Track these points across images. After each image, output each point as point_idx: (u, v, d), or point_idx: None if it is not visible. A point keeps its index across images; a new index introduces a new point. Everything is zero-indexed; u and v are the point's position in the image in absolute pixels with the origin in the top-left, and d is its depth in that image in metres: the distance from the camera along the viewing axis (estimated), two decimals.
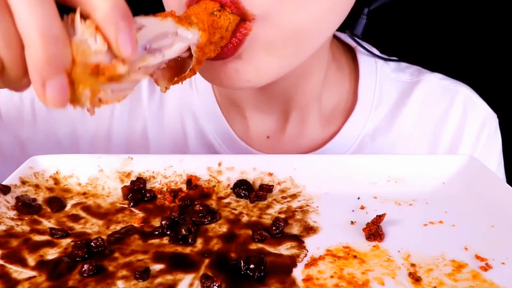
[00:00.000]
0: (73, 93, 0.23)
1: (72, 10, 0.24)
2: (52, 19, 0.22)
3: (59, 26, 0.22)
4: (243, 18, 0.34)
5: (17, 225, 0.35)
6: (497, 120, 0.57)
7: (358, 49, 0.56)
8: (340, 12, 0.39)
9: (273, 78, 0.39)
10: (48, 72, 0.21)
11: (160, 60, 0.27)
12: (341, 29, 0.44)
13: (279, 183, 0.42)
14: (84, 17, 0.23)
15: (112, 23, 0.23)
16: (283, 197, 0.40)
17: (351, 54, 0.58)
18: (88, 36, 0.23)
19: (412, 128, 0.55)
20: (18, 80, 0.24)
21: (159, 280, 0.29)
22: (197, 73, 0.58)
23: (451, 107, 0.55)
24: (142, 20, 0.26)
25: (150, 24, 0.26)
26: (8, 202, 0.37)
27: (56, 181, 0.41)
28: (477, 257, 0.31)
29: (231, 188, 0.41)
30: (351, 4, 0.39)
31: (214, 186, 0.42)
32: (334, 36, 0.56)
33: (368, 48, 0.56)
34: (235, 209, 0.39)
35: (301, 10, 0.35)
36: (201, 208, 0.37)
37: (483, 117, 0.55)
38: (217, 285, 0.28)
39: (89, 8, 0.23)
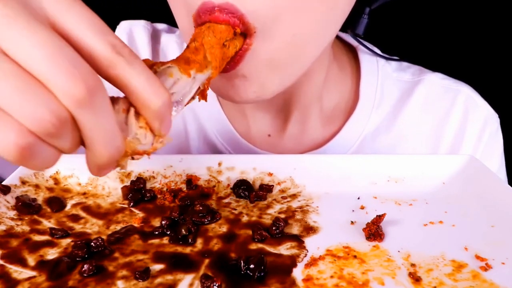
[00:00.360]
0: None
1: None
2: (113, 130, 0.23)
3: (119, 137, 0.24)
4: (246, 32, 0.34)
5: (17, 225, 0.35)
6: (498, 120, 0.57)
7: (360, 48, 0.56)
8: (340, 14, 0.38)
9: (278, 91, 0.40)
10: (105, 167, 0.25)
11: (181, 110, 0.29)
12: (342, 28, 0.44)
13: (279, 183, 0.42)
14: (134, 109, 0.25)
15: (160, 118, 0.25)
16: (283, 197, 0.40)
17: (353, 54, 0.57)
18: (139, 134, 0.25)
19: (413, 128, 0.55)
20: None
21: (159, 280, 0.29)
22: None
23: (453, 107, 0.55)
24: (171, 86, 0.27)
25: (178, 88, 0.27)
26: (8, 202, 0.37)
27: (56, 181, 0.41)
28: (477, 257, 0.31)
29: (231, 188, 0.41)
30: (351, 5, 0.39)
31: (214, 186, 0.42)
32: (336, 36, 0.56)
33: (370, 47, 0.56)
34: (235, 209, 0.39)
35: (299, 19, 0.35)
36: (201, 208, 0.37)
37: (484, 117, 0.55)
38: (217, 285, 0.28)
39: (140, 105, 0.24)
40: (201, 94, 0.31)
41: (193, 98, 0.30)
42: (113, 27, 0.53)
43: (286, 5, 0.33)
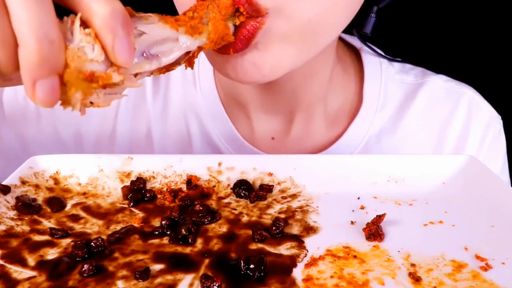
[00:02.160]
0: (64, 94, 0.23)
1: (73, 12, 0.24)
2: (48, 21, 0.22)
3: (55, 29, 0.22)
4: (257, 14, 0.33)
5: (17, 225, 0.35)
6: (501, 122, 0.57)
7: (363, 50, 0.56)
8: (351, 5, 0.38)
9: (289, 69, 0.39)
10: (39, 73, 0.22)
11: (156, 66, 0.27)
12: (348, 28, 0.43)
13: (279, 183, 0.42)
14: (84, 22, 0.23)
15: (110, 30, 0.23)
16: (283, 197, 0.40)
17: (356, 55, 0.57)
18: (85, 44, 0.23)
19: (417, 130, 0.55)
20: (8, 75, 0.24)
21: (159, 280, 0.29)
22: (201, 73, 0.57)
23: (456, 109, 0.55)
24: (143, 26, 0.26)
25: (151, 30, 0.26)
26: (8, 202, 0.37)
27: (56, 181, 0.41)
28: (477, 257, 0.31)
29: (231, 188, 0.41)
30: (361, 0, 0.39)
31: (214, 186, 0.42)
32: (339, 37, 0.56)
33: (373, 48, 0.56)
34: (235, 209, 0.39)
35: (313, 2, 0.35)
36: (201, 208, 0.37)
37: (487, 119, 0.56)
38: (217, 285, 0.28)
39: (87, 14, 0.23)
40: (188, 61, 0.29)
41: (178, 63, 0.28)
42: None
43: None
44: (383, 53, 0.57)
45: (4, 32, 0.22)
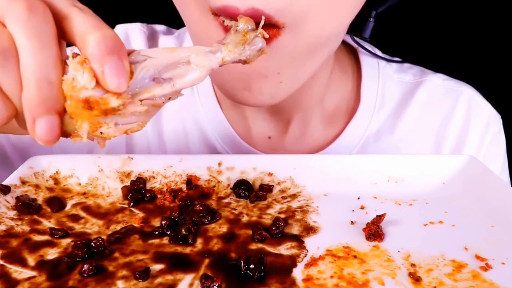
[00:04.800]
0: (73, 126, 0.25)
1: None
2: (50, 64, 0.23)
3: (55, 71, 0.24)
4: (272, 24, 0.33)
5: (17, 225, 0.35)
6: (501, 121, 0.57)
7: (360, 49, 0.56)
8: (352, 17, 0.39)
9: (290, 93, 0.40)
10: (38, 112, 0.23)
11: (170, 90, 0.27)
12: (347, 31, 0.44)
13: (279, 183, 0.42)
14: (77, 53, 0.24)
15: (98, 57, 0.23)
16: (283, 197, 0.40)
17: (353, 55, 0.57)
18: (76, 73, 0.23)
19: (415, 129, 0.55)
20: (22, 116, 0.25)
21: (159, 280, 0.29)
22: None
23: (455, 108, 0.55)
24: (147, 51, 0.26)
25: (158, 55, 0.26)
26: (8, 202, 0.37)
27: (56, 181, 0.41)
28: (477, 257, 0.31)
29: (231, 188, 0.41)
30: (360, 7, 0.39)
31: (214, 186, 0.42)
32: None
33: (370, 49, 0.56)
34: (235, 209, 0.39)
35: (329, 15, 0.35)
36: (201, 208, 0.37)
37: (487, 118, 0.55)
38: (217, 285, 0.28)
39: (80, 44, 0.24)
40: None
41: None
42: None
43: (316, 1, 0.33)
44: (381, 54, 0.57)
45: (14, 78, 0.24)
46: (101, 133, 0.25)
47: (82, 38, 0.24)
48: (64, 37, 0.25)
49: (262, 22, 0.30)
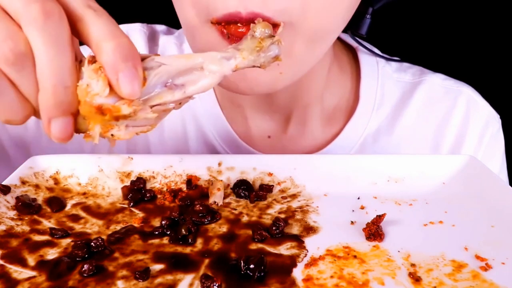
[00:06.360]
0: (86, 126, 0.26)
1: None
2: (65, 69, 0.24)
3: (70, 75, 0.25)
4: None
5: (17, 225, 0.35)
6: (499, 121, 0.57)
7: (360, 49, 0.56)
8: (350, 9, 0.40)
9: (288, 84, 0.40)
10: (53, 113, 0.25)
11: (181, 96, 0.27)
12: (344, 29, 0.44)
13: (279, 183, 0.42)
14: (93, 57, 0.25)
15: (112, 65, 0.24)
16: (283, 197, 0.40)
17: (353, 54, 0.57)
18: (91, 80, 0.24)
19: (414, 129, 0.55)
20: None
21: (159, 280, 0.29)
22: None
23: (454, 107, 0.55)
24: (161, 58, 0.26)
25: (172, 61, 0.26)
26: (8, 202, 0.37)
27: (56, 181, 0.41)
28: (477, 257, 0.31)
29: (231, 188, 0.41)
30: (357, 4, 0.40)
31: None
32: None
33: (370, 48, 0.56)
34: (235, 209, 0.39)
35: (323, 18, 0.36)
36: (201, 208, 0.37)
37: (486, 118, 0.55)
38: (217, 285, 0.28)
39: (95, 50, 0.25)
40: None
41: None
42: None
43: (314, 1, 0.34)
44: (380, 53, 0.57)
45: (31, 79, 0.25)
46: (112, 135, 0.26)
47: (98, 45, 0.25)
48: (78, 37, 0.26)
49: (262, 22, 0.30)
